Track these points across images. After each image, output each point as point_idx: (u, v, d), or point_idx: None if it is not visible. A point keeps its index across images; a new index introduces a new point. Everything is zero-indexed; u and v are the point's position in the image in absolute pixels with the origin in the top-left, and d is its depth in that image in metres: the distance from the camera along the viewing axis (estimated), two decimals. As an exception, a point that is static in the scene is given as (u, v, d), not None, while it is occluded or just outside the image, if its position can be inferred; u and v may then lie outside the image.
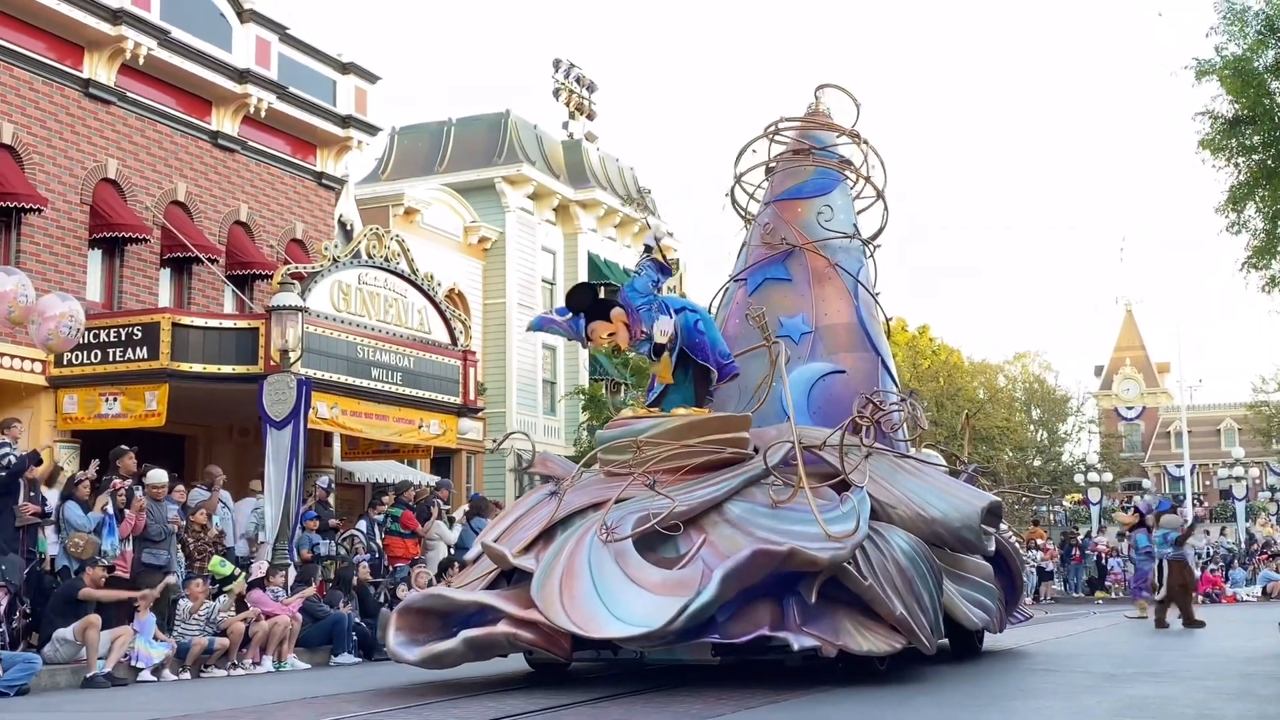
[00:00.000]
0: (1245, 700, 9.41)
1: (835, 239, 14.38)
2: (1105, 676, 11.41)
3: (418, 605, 10.97)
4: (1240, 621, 21.18)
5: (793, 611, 10.05)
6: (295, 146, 24.99)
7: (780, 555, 9.82)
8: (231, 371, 19.23)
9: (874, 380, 13.68)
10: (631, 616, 9.63)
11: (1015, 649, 14.90)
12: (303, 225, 24.88)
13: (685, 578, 9.92)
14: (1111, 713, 8.71)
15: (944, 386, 45.96)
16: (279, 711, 9.69)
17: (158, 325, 19.21)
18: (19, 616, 13.81)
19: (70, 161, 20.44)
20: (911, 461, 12.91)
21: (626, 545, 10.25)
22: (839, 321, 14.02)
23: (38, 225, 19.74)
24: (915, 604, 10.43)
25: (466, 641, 10.07)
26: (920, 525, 11.34)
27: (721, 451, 11.62)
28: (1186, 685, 10.50)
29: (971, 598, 12.40)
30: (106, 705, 10.67)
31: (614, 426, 12.71)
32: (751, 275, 14.52)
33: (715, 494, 10.95)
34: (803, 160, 15.14)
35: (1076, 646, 15.72)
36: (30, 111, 19.88)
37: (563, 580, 10.06)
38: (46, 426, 19.20)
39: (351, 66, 25.85)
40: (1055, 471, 52.41)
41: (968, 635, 13.02)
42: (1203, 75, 19.06)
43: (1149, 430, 72.28)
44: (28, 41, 19.98)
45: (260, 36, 23.76)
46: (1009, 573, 14.07)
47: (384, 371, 21.08)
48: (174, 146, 22.33)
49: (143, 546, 14.61)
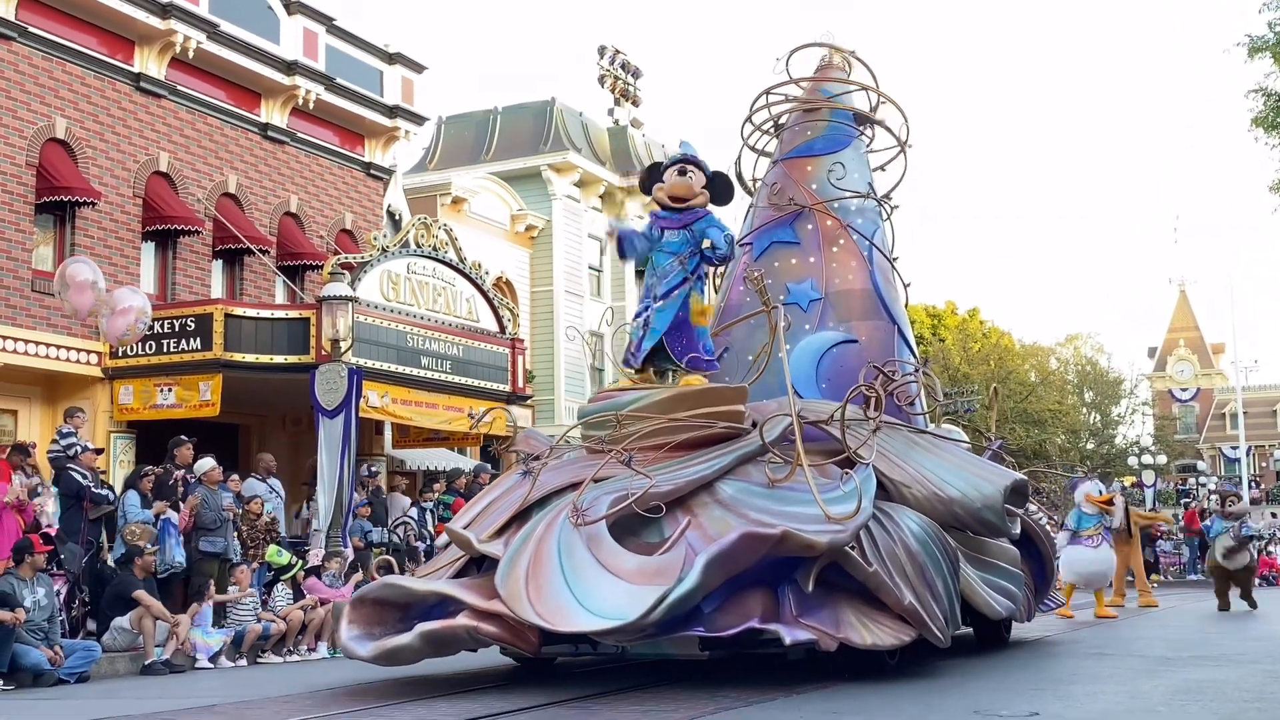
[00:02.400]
0: (1304, 684, 9.32)
1: (848, 199, 13.20)
2: (1160, 660, 11.32)
3: (373, 596, 9.87)
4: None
5: (789, 601, 9.14)
6: (343, 137, 25.11)
7: (772, 539, 8.86)
8: (283, 361, 19.36)
9: (889, 350, 12.59)
10: (603, 608, 8.62)
11: (1065, 634, 14.79)
12: (352, 215, 25.02)
13: (665, 565, 8.90)
14: (1167, 696, 8.64)
15: (995, 369, 45.60)
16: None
17: (211, 316, 19.36)
18: (78, 605, 14.03)
19: (122, 155, 20.63)
20: (928, 437, 11.85)
21: (600, 529, 9.24)
22: (851, 287, 12.85)
23: (92, 218, 19.96)
24: (927, 592, 9.60)
25: (423, 636, 9.13)
26: (937, 506, 10.46)
27: (712, 425, 10.57)
28: (1244, 669, 10.41)
29: (995, 584, 11.42)
30: (164, 692, 10.78)
31: (599, 399, 11.84)
32: (757, 239, 13.35)
33: (704, 472, 9.95)
34: (814, 116, 13.95)
35: (1132, 630, 15.60)
36: (82, 106, 20.08)
37: (530, 568, 9.05)
38: (103, 417, 19.41)
39: (398, 57, 25.93)
40: (1109, 454, 51.92)
41: (993, 625, 12.15)
42: (1255, 52, 18.82)
43: (1204, 412, 71.51)
44: (79, 36, 20.17)
45: (307, 28, 23.88)
46: (1038, 557, 13.17)
47: (433, 360, 21.17)
48: (224, 139, 22.49)
49: (199, 535, 14.80)
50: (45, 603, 12.44)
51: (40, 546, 12.71)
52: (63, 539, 13.74)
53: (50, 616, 12.48)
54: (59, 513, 14.18)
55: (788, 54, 14.31)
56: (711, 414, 10.64)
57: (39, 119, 19.40)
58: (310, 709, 8.61)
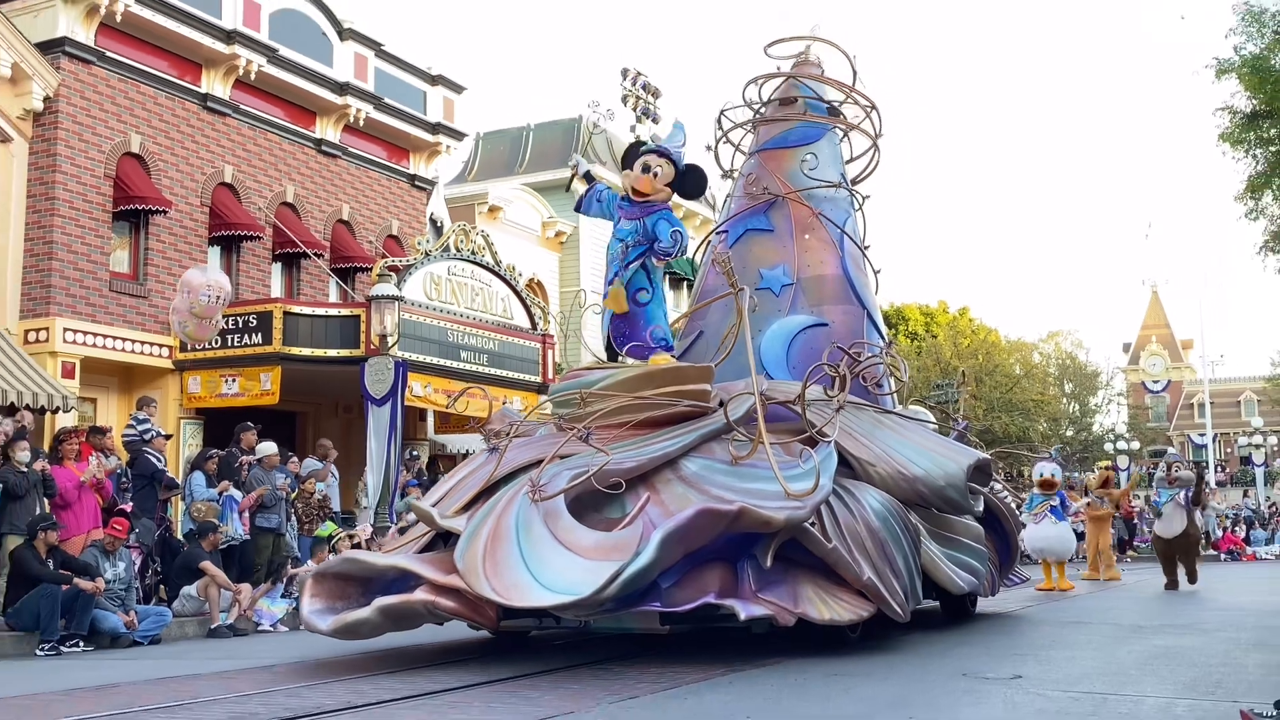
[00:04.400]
0: (1263, 650, 9.28)
1: (820, 188, 12.48)
2: (1133, 629, 11.28)
3: (334, 571, 9.12)
4: (1260, 578, 20.84)
5: (748, 577, 8.54)
6: (390, 152, 25.15)
7: (729, 515, 8.23)
8: (336, 355, 19.43)
9: (859, 334, 11.92)
10: (558, 583, 7.90)
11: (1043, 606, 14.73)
12: (398, 222, 25.06)
13: (622, 540, 8.18)
14: (1139, 661, 8.62)
15: (983, 363, 45.43)
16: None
17: (271, 314, 19.45)
18: (151, 574, 14.13)
19: (191, 168, 20.71)
20: (894, 417, 11.20)
21: (558, 506, 8.52)
22: (823, 273, 12.17)
23: (164, 225, 20.05)
24: (887, 568, 9.06)
25: (381, 610, 8.40)
26: (901, 484, 9.86)
27: (677, 404, 9.84)
28: (1210, 637, 10.36)
29: (958, 560, 10.71)
30: (228, 653, 10.83)
31: (569, 378, 11.08)
32: (732, 226, 12.72)
33: (668, 449, 9.25)
34: (790, 109, 13.12)
35: (1107, 601, 15.55)
36: (155, 123, 20.16)
37: (488, 543, 8.35)
38: (173, 405, 19.51)
39: (440, 78, 25.95)
40: (1087, 441, 51.69)
41: (959, 599, 11.52)
42: (1222, 73, 18.74)
43: (1174, 402, 71.12)
44: (152, 60, 20.25)
45: (358, 53, 23.91)
46: (1003, 534, 12.49)
47: (472, 354, 21.21)
48: (283, 153, 22.56)
49: (257, 511, 14.87)
50: (122, 573, 12.53)
51: (118, 523, 12.80)
52: (137, 515, 13.83)
53: (126, 585, 12.58)
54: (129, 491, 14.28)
55: (771, 43, 13.65)
56: (676, 393, 9.93)
57: (116, 135, 19.48)
58: (341, 672, 8.61)
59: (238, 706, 6.87)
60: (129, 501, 13.93)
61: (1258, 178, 19.24)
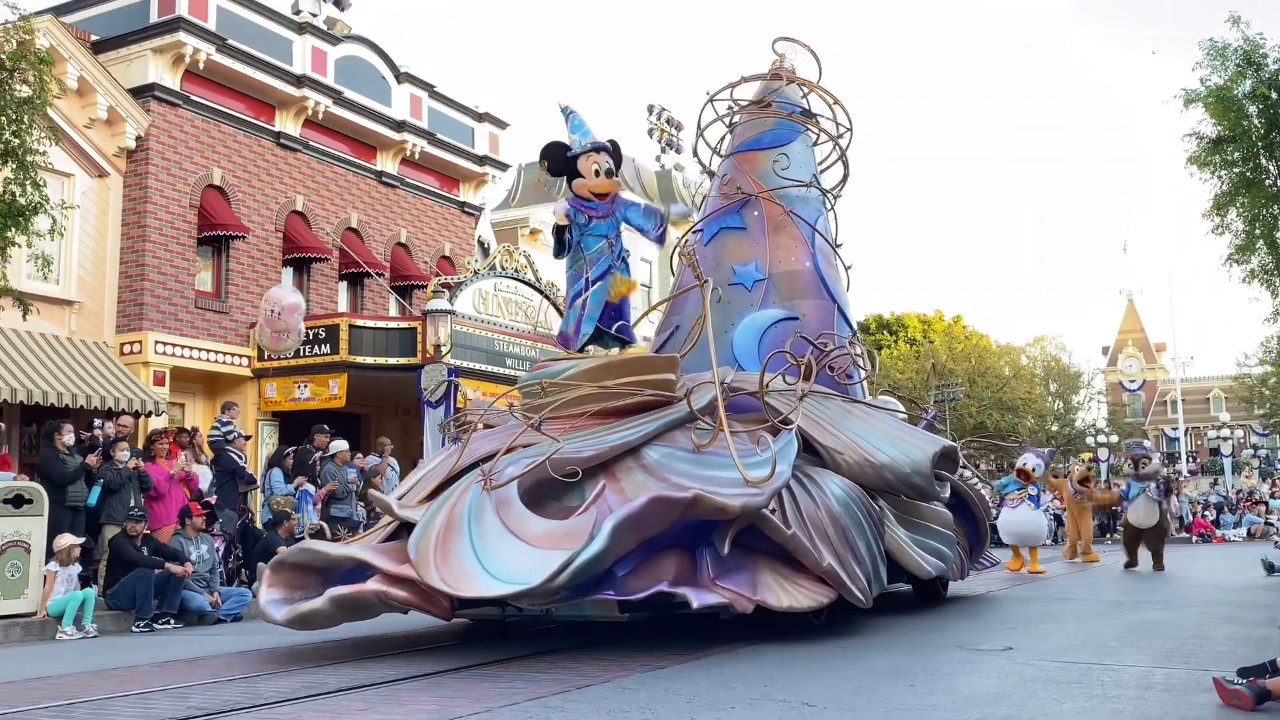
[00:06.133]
0: (1232, 624, 9.16)
1: (792, 188, 11.71)
2: (1113, 605, 11.15)
3: (292, 561, 8.20)
4: (1228, 559, 20.60)
5: (706, 564, 7.69)
6: (442, 181, 25.26)
7: (683, 503, 7.34)
8: (396, 363, 19.53)
9: (829, 326, 11.11)
10: (507, 573, 7.08)
11: (1029, 586, 14.58)
12: (450, 244, 25.16)
13: (574, 529, 7.35)
14: (1120, 634, 8.52)
15: (975, 365, 45.20)
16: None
17: (338, 327, 19.57)
18: (233, 559, 14.21)
19: (266, 198, 20.86)
20: (862, 406, 10.35)
21: (510, 495, 7.72)
22: (794, 268, 11.41)
23: (243, 249, 20.20)
24: (849, 554, 8.25)
25: (334, 600, 7.60)
26: (867, 471, 9.04)
27: (640, 393, 8.95)
28: (1184, 611, 10.24)
29: (926, 545, 9.94)
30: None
31: (537, 368, 10.28)
32: (708, 225, 12.00)
33: (629, 438, 8.36)
34: (763, 112, 12.33)
35: (1090, 579, 15.40)
36: (234, 159, 20.32)
37: (441, 534, 7.56)
38: (252, 409, 19.65)
39: (486, 116, 26.04)
40: (1070, 435, 51.30)
41: (931, 583, 10.63)
42: (1189, 103, 18.63)
43: (1149, 399, 70.40)
44: (232, 103, 20.43)
45: (414, 94, 24.04)
46: (973, 519, 11.69)
47: (516, 361, 21.25)
48: (347, 184, 22.69)
49: (330, 503, 14.94)
50: (207, 557, 12.61)
51: (198, 510, 12.89)
52: (221, 506, 13.93)
53: (211, 569, 12.66)
54: (214, 485, 14.39)
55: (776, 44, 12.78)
56: (640, 382, 9.05)
57: (200, 169, 19.65)
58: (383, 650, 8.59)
59: (309, 678, 6.88)
60: (214, 494, 14.04)
61: (1223, 196, 19.08)
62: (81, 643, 10.48)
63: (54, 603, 11.07)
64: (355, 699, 5.99)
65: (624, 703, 5.62)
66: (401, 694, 6.11)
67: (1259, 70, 18.30)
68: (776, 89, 12.41)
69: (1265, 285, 19.34)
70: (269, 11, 20.94)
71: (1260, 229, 18.84)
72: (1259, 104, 18.40)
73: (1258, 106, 18.41)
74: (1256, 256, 19.21)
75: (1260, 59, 18.31)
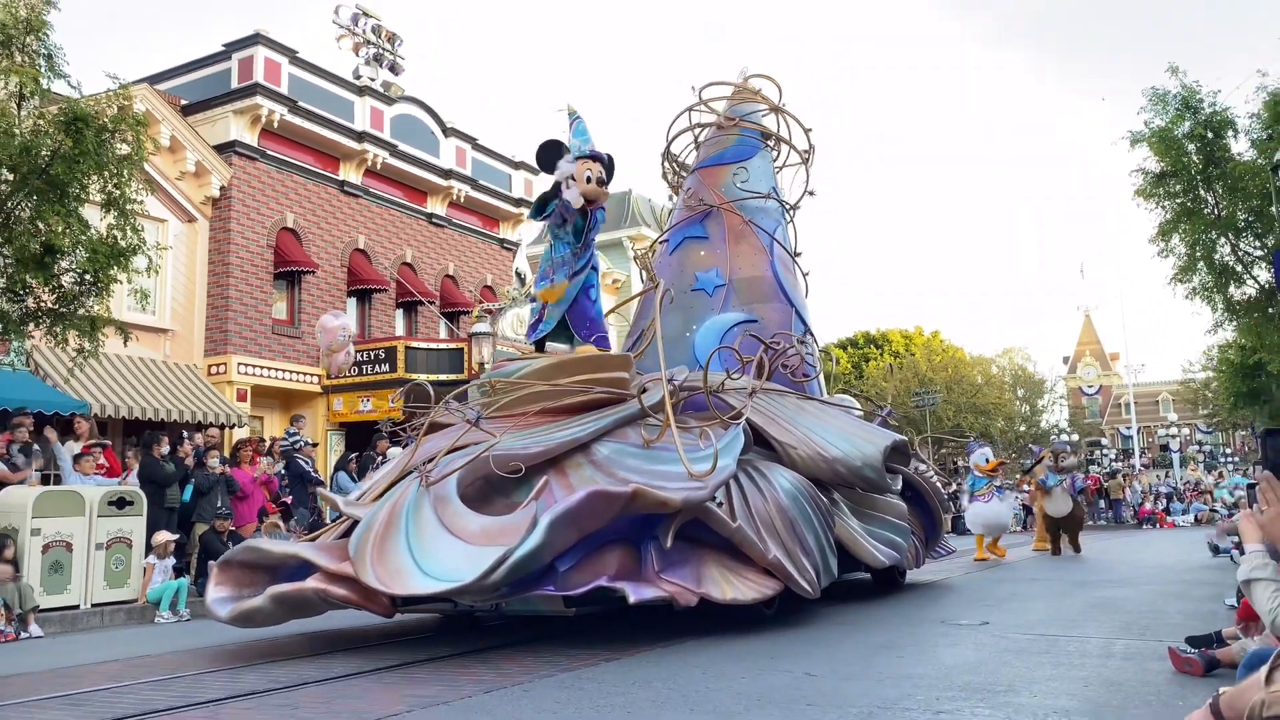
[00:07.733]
0: (1183, 600, 9.06)
1: (752, 200, 11.10)
2: (1076, 583, 11.05)
3: (238, 559, 7.28)
4: (1178, 542, 20.39)
5: (650, 559, 6.85)
6: (484, 221, 25.37)
7: (623, 497, 6.51)
8: (446, 379, 19.56)
9: (787, 328, 10.50)
10: (440, 570, 6.27)
11: (1001, 568, 14.44)
12: (491, 276, 25.24)
13: (511, 525, 6.45)
14: (1084, 609, 8.44)
15: (952, 374, 45.02)
16: (423, 629, 8.82)
17: (395, 348, 19.64)
18: (307, 552, 14.21)
19: (333, 238, 20.98)
20: (815, 403, 9.66)
21: (448, 492, 6.86)
22: (753, 275, 10.80)
23: (313, 283, 20.31)
24: (797, 546, 7.52)
25: (274, 598, 6.72)
26: (820, 464, 8.39)
27: (590, 391, 8.13)
28: (1139, 589, 10.14)
29: (880, 536, 9.19)
30: (369, 618, 10.58)
31: (495, 368, 9.43)
32: (672, 236, 11.40)
33: (578, 435, 7.51)
34: (726, 130, 11.75)
35: (1055, 561, 15.26)
36: (305, 204, 20.45)
37: (380, 531, 6.77)
38: (321, 420, 19.73)
39: (521, 164, 26.16)
40: (1035, 434, 50.94)
41: (888, 572, 9.79)
42: (1135, 143, 18.67)
43: (1105, 402, 69.86)
44: (302, 156, 20.59)
45: (459, 146, 24.17)
46: (928, 511, 10.88)
47: (550, 376, 21.25)
48: (403, 224, 22.80)
49: (389, 502, 14.93)
50: (284, 550, 12.59)
51: (273, 510, 12.90)
52: (295, 506, 13.95)
53: (287, 560, 12.64)
54: (285, 488, 14.43)
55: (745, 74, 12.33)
56: (593, 380, 8.24)
57: (275, 214, 19.79)
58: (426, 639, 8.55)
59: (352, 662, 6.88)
60: (288, 495, 14.07)
61: (1166, 224, 19.05)
62: (176, 626, 10.51)
63: (152, 591, 11.12)
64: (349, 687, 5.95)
65: (575, 692, 5.14)
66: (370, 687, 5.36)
67: (1196, 113, 18.31)
68: (747, 111, 11.86)
69: (1206, 301, 19.26)
70: (334, 77, 21.10)
71: (1200, 252, 18.77)
72: (1197, 142, 18.39)
73: (1195, 145, 18.40)
74: (1197, 276, 19.12)
75: (1197, 103, 18.32)
